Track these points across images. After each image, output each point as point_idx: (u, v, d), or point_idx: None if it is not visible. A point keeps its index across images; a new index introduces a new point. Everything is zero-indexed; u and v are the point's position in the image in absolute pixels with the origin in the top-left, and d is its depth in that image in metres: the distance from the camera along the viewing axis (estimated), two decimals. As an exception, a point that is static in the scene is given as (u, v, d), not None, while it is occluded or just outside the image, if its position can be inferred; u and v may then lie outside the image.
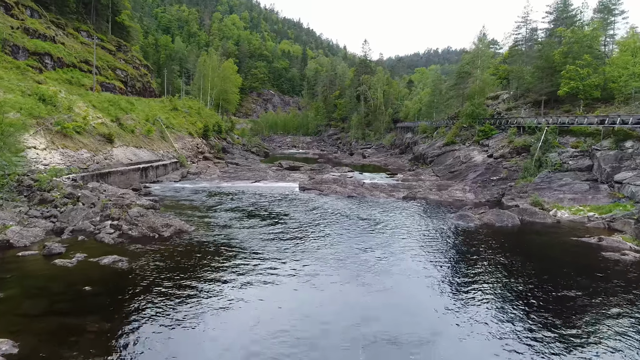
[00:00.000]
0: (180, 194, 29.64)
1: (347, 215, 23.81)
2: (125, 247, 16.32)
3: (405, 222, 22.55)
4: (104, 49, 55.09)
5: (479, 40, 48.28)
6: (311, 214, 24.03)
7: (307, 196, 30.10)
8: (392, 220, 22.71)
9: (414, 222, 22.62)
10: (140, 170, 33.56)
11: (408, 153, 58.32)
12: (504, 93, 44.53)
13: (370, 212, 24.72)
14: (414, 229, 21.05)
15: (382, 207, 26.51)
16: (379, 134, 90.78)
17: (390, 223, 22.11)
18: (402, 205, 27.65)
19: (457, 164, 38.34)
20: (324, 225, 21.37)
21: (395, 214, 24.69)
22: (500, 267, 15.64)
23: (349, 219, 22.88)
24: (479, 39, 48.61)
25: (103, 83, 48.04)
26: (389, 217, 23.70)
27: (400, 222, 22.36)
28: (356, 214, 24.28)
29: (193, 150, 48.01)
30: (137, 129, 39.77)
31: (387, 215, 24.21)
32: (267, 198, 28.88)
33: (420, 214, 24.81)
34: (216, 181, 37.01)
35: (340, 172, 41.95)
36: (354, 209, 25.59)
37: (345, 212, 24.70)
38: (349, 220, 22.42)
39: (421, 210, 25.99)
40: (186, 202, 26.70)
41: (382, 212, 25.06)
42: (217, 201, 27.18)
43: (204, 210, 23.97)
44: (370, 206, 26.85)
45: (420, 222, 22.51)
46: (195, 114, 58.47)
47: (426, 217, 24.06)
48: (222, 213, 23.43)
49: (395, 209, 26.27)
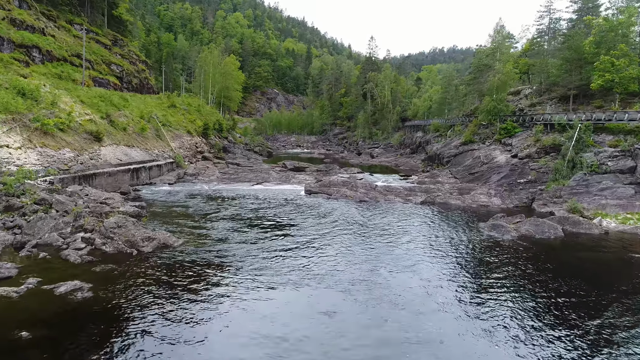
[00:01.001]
0: (174, 198, 26.66)
1: (360, 224, 20.69)
2: (93, 267, 13.31)
3: (429, 233, 19.40)
4: (98, 43, 52.27)
5: (497, 32, 44.91)
6: (319, 222, 20.93)
7: (314, 201, 27.02)
8: (413, 231, 19.57)
9: (439, 233, 19.47)
10: (131, 172, 30.63)
11: (420, 153, 55.03)
12: (525, 88, 41.22)
13: (386, 221, 21.59)
14: (441, 242, 17.90)
15: (399, 215, 23.37)
16: (387, 133, 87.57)
17: (412, 235, 18.98)
18: (421, 211, 24.50)
19: (477, 164, 35.08)
20: (335, 237, 18.27)
21: (415, 223, 21.54)
22: (550, 293, 12.48)
23: (363, 228, 19.77)
24: (497, 30, 45.24)
25: (96, 78, 45.21)
26: (408, 227, 20.56)
27: (423, 234, 19.21)
28: (370, 222, 21.15)
29: (191, 150, 45.08)
30: (130, 126, 36.86)
31: (407, 224, 21.06)
32: (270, 203, 25.84)
33: (445, 223, 21.64)
34: (214, 183, 34.03)
35: (349, 173, 38.83)
36: (368, 217, 22.46)
37: (358, 220, 21.59)
38: (363, 231, 19.31)
39: (444, 218, 22.82)
40: (178, 208, 23.69)
41: (400, 220, 21.92)
42: (213, 207, 24.16)
43: (197, 219, 20.95)
44: (386, 213, 23.72)
45: (447, 234, 19.35)
46: (195, 112, 55.55)
47: (452, 227, 20.88)
48: (217, 222, 20.39)
49: (414, 216, 23.12)
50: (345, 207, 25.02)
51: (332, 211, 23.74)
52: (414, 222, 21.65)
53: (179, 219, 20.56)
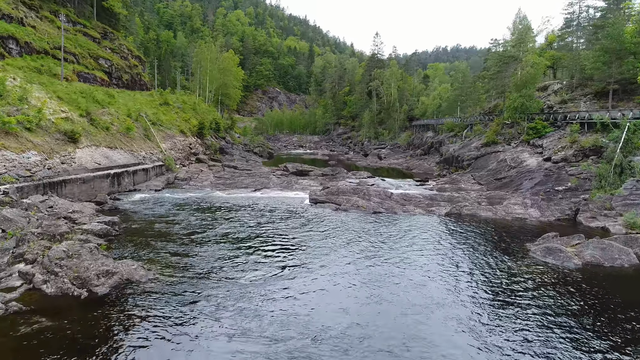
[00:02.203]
0: (157, 210, 22.82)
1: (377, 245, 16.81)
2: (16, 324, 9.47)
3: (465, 259, 15.50)
4: (86, 35, 48.54)
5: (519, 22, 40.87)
6: (328, 245, 17.05)
7: (321, 212, 23.14)
8: (444, 256, 15.67)
9: (479, 259, 15.56)
10: (111, 177, 26.81)
11: (433, 154, 51.06)
12: (554, 83, 37.22)
13: (409, 240, 17.69)
14: (485, 274, 13.99)
15: (423, 231, 19.47)
16: (393, 133, 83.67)
17: (444, 261, 15.08)
18: (448, 226, 20.59)
19: (503, 168, 31.11)
20: (348, 268, 14.39)
21: (445, 243, 17.64)
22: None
23: (382, 252, 15.89)
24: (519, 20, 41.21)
25: (81, 73, 41.45)
26: (437, 249, 16.66)
27: (458, 260, 15.31)
28: (390, 242, 17.26)
29: (184, 151, 41.25)
30: (114, 125, 33.07)
31: (435, 245, 17.16)
32: (269, 216, 21.97)
33: (483, 244, 17.72)
34: (207, 190, 30.20)
35: (357, 177, 34.93)
36: (386, 235, 18.57)
37: (375, 239, 17.71)
38: (382, 256, 15.43)
39: (480, 236, 18.90)
40: (160, 222, 19.84)
41: (425, 240, 18.02)
42: (202, 221, 20.31)
43: (179, 239, 17.10)
44: (406, 229, 19.82)
45: (491, 261, 15.44)
46: (190, 110, 51.71)
47: (494, 249, 16.96)
48: (203, 244, 16.53)
49: (441, 233, 19.22)
50: (358, 221, 21.13)
51: (342, 227, 19.87)
52: (443, 241, 17.74)
53: (157, 240, 16.70)
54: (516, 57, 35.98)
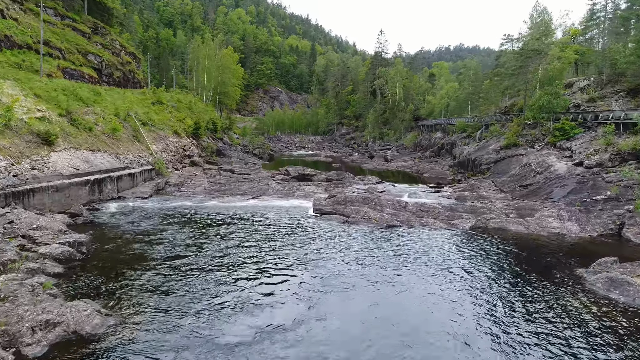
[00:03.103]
0: (139, 223, 19.87)
1: (394, 268, 13.81)
2: None
3: (502, 287, 12.49)
4: (75, 30, 45.68)
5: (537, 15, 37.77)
6: (339, 271, 14.06)
7: (327, 226, 20.17)
8: (475, 283, 12.67)
9: (519, 288, 12.54)
10: (91, 184, 23.88)
11: (444, 156, 48.03)
12: (580, 80, 34.12)
13: (431, 263, 14.68)
14: (531, 310, 10.97)
15: (446, 250, 16.47)
16: (399, 133, 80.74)
17: (475, 289, 12.10)
18: (475, 243, 17.58)
19: (528, 174, 28.05)
20: (362, 306, 11.41)
21: (473, 264, 14.63)
22: None
23: (400, 278, 12.90)
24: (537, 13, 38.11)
25: (67, 69, 38.58)
26: (466, 273, 13.65)
27: (494, 288, 12.32)
28: (408, 265, 14.27)
29: (178, 154, 38.31)
30: (98, 125, 30.17)
31: (462, 268, 14.15)
32: (267, 231, 19.00)
33: (520, 267, 14.70)
34: (200, 197, 27.27)
35: (365, 183, 31.93)
36: (403, 254, 15.59)
37: (390, 260, 14.73)
38: (401, 282, 12.44)
39: (514, 257, 15.88)
40: (139, 241, 16.89)
41: (450, 261, 15.01)
42: (189, 239, 17.37)
43: (158, 264, 14.15)
44: (426, 247, 16.83)
45: (535, 291, 12.42)
46: (185, 109, 48.79)
47: (536, 275, 13.92)
48: (186, 273, 13.57)
49: (467, 252, 16.21)
50: (371, 238, 18.14)
51: (351, 244, 16.88)
52: (473, 265, 14.73)
53: (131, 267, 13.74)
54: (540, 50, 32.92)
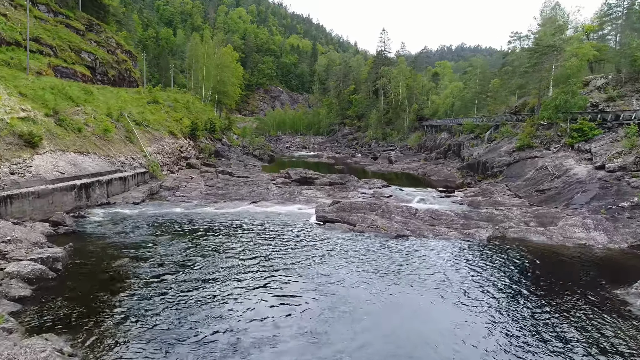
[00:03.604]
0: (127, 233, 18.23)
1: (406, 286, 12.13)
2: None
3: (533, 310, 10.79)
4: (68, 27, 44.10)
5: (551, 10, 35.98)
6: (344, 290, 12.38)
7: (331, 235, 18.50)
8: (501, 304, 10.97)
9: (551, 312, 10.84)
10: (77, 189, 22.24)
11: (451, 158, 46.29)
12: (596, 78, 32.37)
13: (447, 281, 12.99)
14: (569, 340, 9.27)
15: (463, 265, 14.77)
16: (402, 134, 79.01)
17: (502, 311, 10.38)
18: (494, 256, 15.88)
19: (545, 178, 26.32)
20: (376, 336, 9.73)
21: (495, 282, 12.95)
22: None
23: (414, 297, 11.21)
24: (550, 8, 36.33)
25: (58, 67, 36.96)
26: (488, 293, 11.96)
27: (524, 312, 10.61)
28: (421, 282, 12.59)
29: (173, 155, 36.66)
30: (88, 126, 28.54)
31: (483, 287, 12.47)
32: (265, 242, 17.33)
33: (549, 285, 13.01)
34: (195, 202, 25.61)
35: (371, 187, 30.23)
36: (415, 270, 13.91)
37: (402, 276, 13.03)
38: (416, 302, 10.76)
39: (540, 273, 14.17)
40: (124, 255, 15.24)
41: (469, 278, 13.33)
42: (180, 252, 15.71)
43: (142, 285, 12.51)
44: (441, 260, 15.14)
45: (570, 315, 10.73)
46: (183, 109, 47.16)
47: (568, 295, 12.23)
48: (173, 297, 11.92)
49: (487, 267, 14.51)
50: (379, 249, 16.45)
51: (358, 256, 15.19)
52: (495, 282, 13.04)
53: (109, 289, 12.08)
54: (555, 46, 31.17)
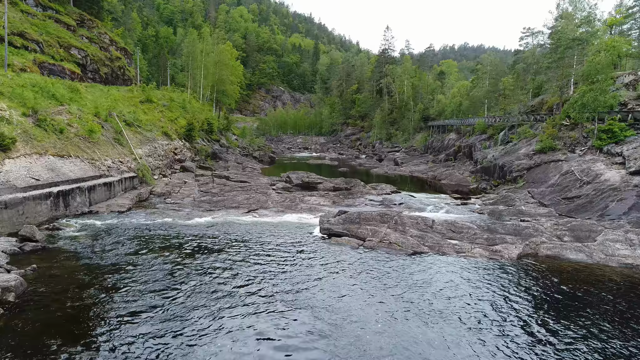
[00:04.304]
0: (105, 250, 15.90)
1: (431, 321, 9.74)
2: None
3: None
4: (58, 22, 41.91)
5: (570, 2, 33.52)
6: (357, 329, 10.00)
7: (337, 252, 16.15)
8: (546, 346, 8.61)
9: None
10: (54, 197, 19.95)
11: (461, 160, 43.87)
12: (624, 74, 29.86)
13: (479, 313, 10.60)
14: None
15: (493, 291, 12.38)
16: (407, 134, 76.61)
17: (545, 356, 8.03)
18: (528, 279, 13.49)
19: (572, 184, 23.88)
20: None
21: (534, 317, 10.53)
22: None
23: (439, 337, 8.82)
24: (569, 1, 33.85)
25: (44, 64, 34.71)
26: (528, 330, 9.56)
27: None
28: (449, 317, 10.19)
29: (167, 158, 34.36)
30: (71, 127, 26.26)
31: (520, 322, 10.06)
32: (263, 260, 14.97)
33: (601, 323, 10.60)
34: (187, 210, 23.29)
35: (379, 193, 27.85)
36: (440, 299, 11.52)
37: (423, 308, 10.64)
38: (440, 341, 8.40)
39: (587, 303, 11.76)
40: (98, 278, 12.91)
41: (501, 308, 10.93)
42: (162, 275, 13.36)
43: (111, 324, 10.15)
44: (468, 286, 12.76)
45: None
46: (178, 109, 44.91)
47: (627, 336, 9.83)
48: (149, 339, 9.56)
49: (522, 295, 12.12)
50: (393, 271, 14.07)
51: (372, 284, 12.82)
52: (535, 315, 10.64)
53: (69, 333, 9.73)
54: (582, 39, 28.68)
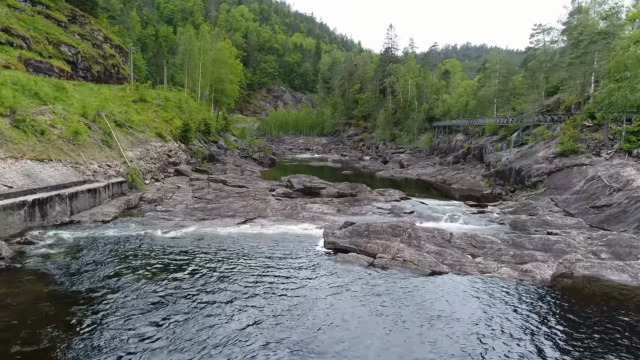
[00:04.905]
0: (79, 273, 13.89)
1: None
2: None
3: None
4: (48, 18, 40.01)
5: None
6: None
7: (343, 272, 14.12)
8: None
9: None
10: (29, 207, 17.96)
11: (471, 162, 41.81)
12: (650, 70, 27.80)
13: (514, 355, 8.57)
14: None
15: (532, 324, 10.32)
16: (412, 135, 74.52)
17: None
18: (567, 308, 11.47)
19: (600, 191, 21.79)
20: None
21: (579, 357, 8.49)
22: None
23: None
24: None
25: (30, 61, 32.80)
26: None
27: None
28: None
29: (160, 161, 32.38)
30: (54, 128, 24.31)
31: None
32: (260, 282, 12.93)
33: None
34: (178, 219, 21.29)
35: (387, 199, 25.79)
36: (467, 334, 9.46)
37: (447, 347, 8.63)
38: None
39: None
40: (67, 308, 10.91)
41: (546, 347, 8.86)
42: (143, 304, 11.34)
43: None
44: (498, 316, 10.72)
45: None
46: (174, 109, 42.96)
47: None
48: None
49: (568, 330, 10.05)
50: (409, 295, 12.03)
51: (386, 315, 10.77)
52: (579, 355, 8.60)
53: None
54: (608, 33, 26.63)
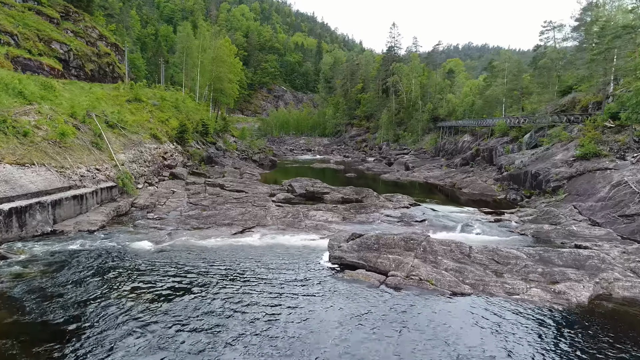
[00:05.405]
0: (54, 295, 12.30)
1: None
2: None
3: None
4: (39, 14, 38.44)
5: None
6: None
7: (351, 293, 12.48)
8: None
9: None
10: (4, 216, 16.35)
11: (480, 165, 40.11)
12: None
13: None
14: None
15: None
16: (416, 136, 72.83)
17: None
18: (611, 338, 9.81)
19: (628, 198, 20.08)
20: None
21: None
22: None
23: None
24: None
25: (19, 59, 31.23)
26: None
27: None
28: None
29: (155, 164, 30.76)
30: (39, 129, 22.71)
31: None
32: (255, 304, 11.27)
33: None
34: (170, 228, 19.66)
35: (395, 205, 24.11)
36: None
37: None
38: None
39: None
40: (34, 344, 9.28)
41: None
42: (123, 330, 9.70)
43: None
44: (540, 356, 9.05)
45: None
46: (171, 109, 41.35)
47: None
48: None
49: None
50: (428, 324, 10.37)
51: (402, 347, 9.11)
52: None
53: None
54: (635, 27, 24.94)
